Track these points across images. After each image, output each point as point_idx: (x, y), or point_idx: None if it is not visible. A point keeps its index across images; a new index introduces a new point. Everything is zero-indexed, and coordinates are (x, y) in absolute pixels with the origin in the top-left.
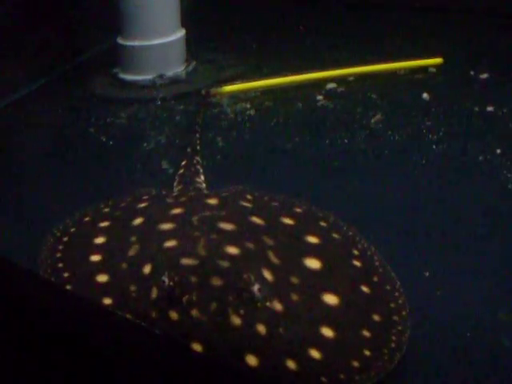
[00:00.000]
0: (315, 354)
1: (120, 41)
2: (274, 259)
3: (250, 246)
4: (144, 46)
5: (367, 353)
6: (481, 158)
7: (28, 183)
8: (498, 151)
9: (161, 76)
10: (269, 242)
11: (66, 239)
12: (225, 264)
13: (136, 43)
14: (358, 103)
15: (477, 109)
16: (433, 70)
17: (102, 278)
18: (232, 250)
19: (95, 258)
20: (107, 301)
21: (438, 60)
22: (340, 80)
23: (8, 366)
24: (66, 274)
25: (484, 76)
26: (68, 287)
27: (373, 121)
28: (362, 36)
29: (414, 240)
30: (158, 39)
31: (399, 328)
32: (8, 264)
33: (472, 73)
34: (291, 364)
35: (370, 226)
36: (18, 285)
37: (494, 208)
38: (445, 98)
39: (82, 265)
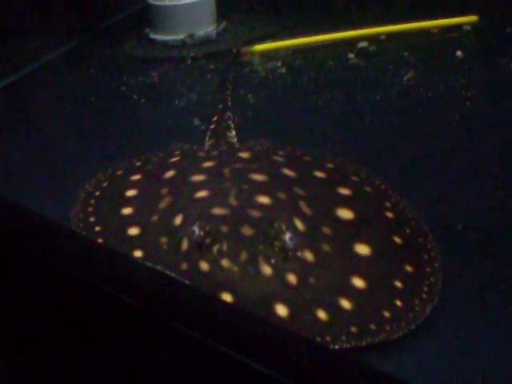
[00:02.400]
0: (346, 303)
1: (150, 1)
2: (306, 209)
3: (282, 196)
4: (174, 6)
5: (398, 303)
6: None
7: (63, 141)
8: None
9: (191, 36)
10: (300, 192)
11: (97, 193)
12: (256, 213)
13: (166, 3)
14: (390, 61)
15: None
16: (467, 27)
17: (134, 231)
18: (263, 200)
19: (127, 210)
20: (138, 253)
21: (473, 18)
22: (372, 39)
23: (43, 320)
24: (97, 228)
25: None
26: (100, 241)
27: (405, 78)
28: None
29: (448, 196)
30: None
31: (431, 279)
32: (41, 219)
33: (508, 30)
34: (321, 314)
35: (403, 182)
36: (51, 239)
37: None
38: (479, 56)
39: (114, 218)
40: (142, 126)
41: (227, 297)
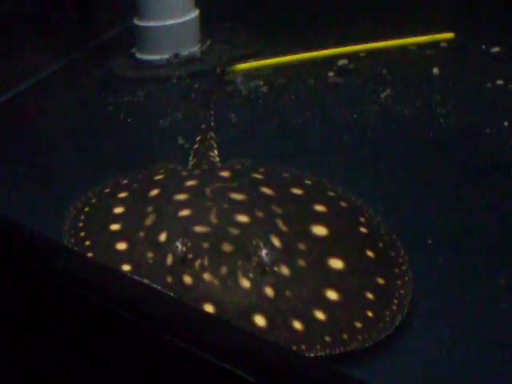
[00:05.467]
0: (320, 315)
1: (136, 21)
2: (283, 227)
3: (260, 214)
4: (159, 27)
5: (370, 314)
6: (488, 130)
7: (51, 160)
8: (506, 124)
9: (176, 55)
10: (278, 210)
11: (87, 210)
12: (235, 231)
13: (151, 24)
14: (369, 79)
15: (487, 83)
16: (444, 44)
17: (121, 246)
18: (242, 218)
19: (115, 227)
20: (126, 267)
21: (450, 35)
22: (352, 56)
23: (36, 330)
24: (87, 243)
25: (495, 49)
26: (89, 255)
27: (382, 96)
28: (373, 12)
29: (422, 211)
30: (173, 19)
31: (401, 292)
32: (35, 235)
33: (483, 47)
34: (297, 324)
35: (380, 199)
36: (44, 254)
37: (502, 179)
38: (455, 73)
39: (103, 234)
40: (128, 145)
41: (209, 308)
